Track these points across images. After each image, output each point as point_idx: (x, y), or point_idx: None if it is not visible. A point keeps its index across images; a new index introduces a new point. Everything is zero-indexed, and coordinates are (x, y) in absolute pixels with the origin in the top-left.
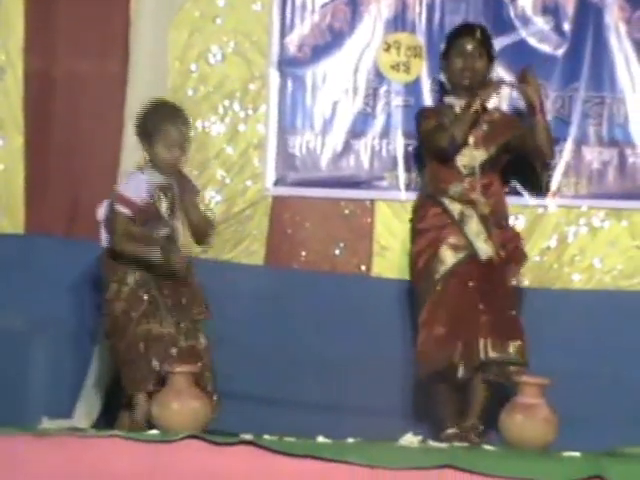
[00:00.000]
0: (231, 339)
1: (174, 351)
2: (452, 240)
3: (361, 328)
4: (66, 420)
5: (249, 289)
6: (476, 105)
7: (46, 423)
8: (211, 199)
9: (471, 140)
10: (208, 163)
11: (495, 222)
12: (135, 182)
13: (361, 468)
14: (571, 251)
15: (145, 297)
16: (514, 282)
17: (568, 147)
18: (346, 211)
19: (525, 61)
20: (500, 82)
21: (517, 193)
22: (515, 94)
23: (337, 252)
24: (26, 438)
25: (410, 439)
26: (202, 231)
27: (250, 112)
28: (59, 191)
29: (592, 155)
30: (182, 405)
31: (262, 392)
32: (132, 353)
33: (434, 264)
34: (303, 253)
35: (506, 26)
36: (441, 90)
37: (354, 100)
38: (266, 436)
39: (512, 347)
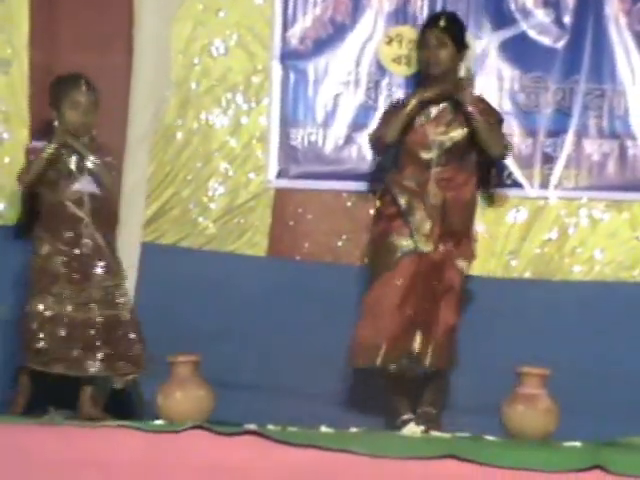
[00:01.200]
0: (234, 330)
1: (63, 332)
2: (400, 231)
3: None
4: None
5: (252, 280)
6: (411, 105)
7: (53, 413)
8: (214, 191)
9: (432, 128)
10: (211, 155)
11: (444, 216)
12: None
13: (364, 458)
14: (572, 243)
15: (49, 273)
16: (459, 276)
17: (569, 139)
18: (348, 203)
19: (526, 53)
20: (440, 90)
21: (518, 185)
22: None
23: (339, 244)
24: (33, 428)
25: (413, 429)
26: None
27: (253, 105)
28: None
29: (592, 147)
30: (186, 394)
31: (265, 382)
32: (26, 327)
33: (382, 254)
34: (306, 245)
35: (507, 19)
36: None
37: (356, 93)
38: (270, 426)
39: (417, 344)
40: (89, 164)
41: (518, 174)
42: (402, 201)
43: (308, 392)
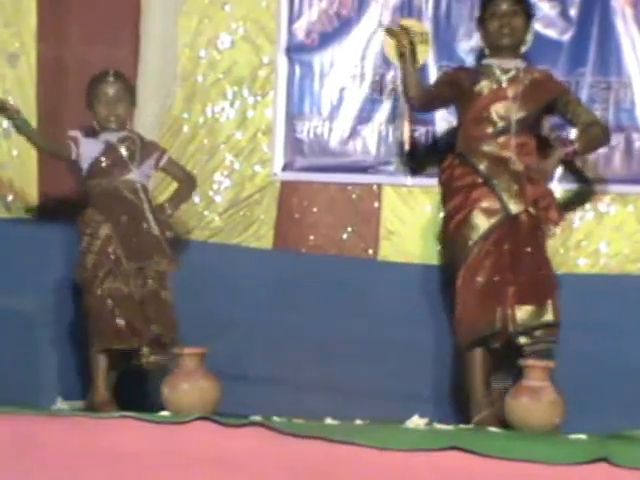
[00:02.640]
0: (240, 322)
1: (137, 312)
2: (484, 204)
3: (368, 311)
4: (80, 401)
5: (258, 273)
6: (403, 48)
7: (60, 404)
8: (220, 184)
9: (510, 94)
10: (217, 148)
11: (529, 179)
12: (91, 141)
13: (368, 449)
14: (577, 236)
15: (112, 256)
16: (548, 238)
17: (574, 132)
18: (353, 196)
19: (532, 46)
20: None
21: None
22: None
23: (344, 236)
24: (41, 418)
25: (416, 421)
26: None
27: (259, 98)
28: (72, 177)
29: None
30: (192, 386)
31: (271, 374)
32: (100, 309)
33: (466, 230)
34: (311, 237)
35: None
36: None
37: (361, 86)
38: (275, 418)
39: (540, 311)
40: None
41: None
42: (481, 166)
43: (313, 384)
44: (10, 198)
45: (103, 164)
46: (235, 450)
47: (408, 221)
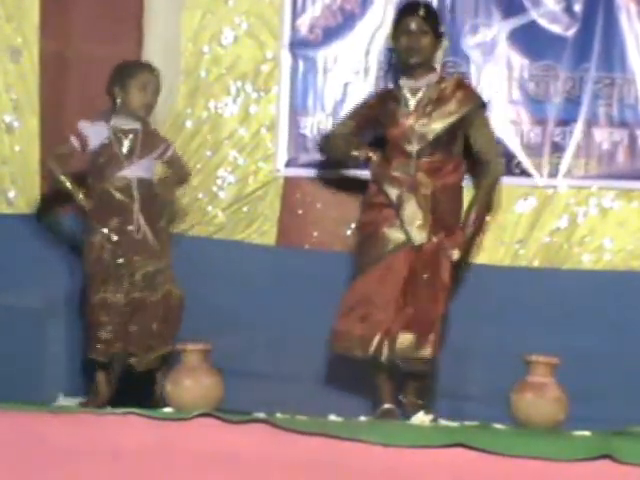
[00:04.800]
0: (243, 318)
1: (120, 319)
2: (392, 222)
3: None
4: (82, 398)
5: (261, 269)
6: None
7: (62, 400)
8: (224, 179)
9: (417, 117)
10: (221, 144)
11: (435, 206)
12: (98, 127)
13: (372, 446)
14: (581, 232)
15: (104, 262)
16: (450, 266)
17: (578, 128)
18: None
19: (536, 42)
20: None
21: (527, 174)
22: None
23: (348, 232)
24: (43, 415)
25: (421, 418)
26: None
27: (262, 93)
28: (73, 172)
29: (602, 136)
30: (195, 382)
31: (274, 371)
32: (90, 319)
33: (372, 245)
34: (315, 233)
35: (517, 7)
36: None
37: (365, 81)
38: (278, 414)
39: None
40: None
41: (527, 163)
42: (392, 194)
43: (317, 380)
44: (12, 194)
45: (101, 160)
46: (238, 446)
47: None
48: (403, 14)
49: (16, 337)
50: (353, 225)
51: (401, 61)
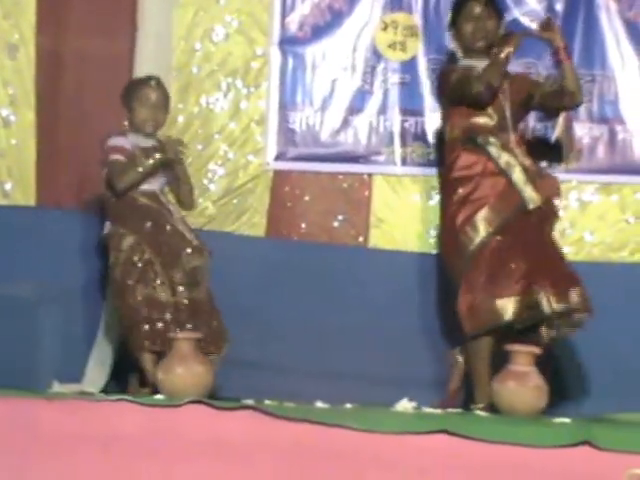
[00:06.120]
0: (233, 307)
1: (168, 316)
2: (495, 197)
3: (358, 297)
4: (76, 384)
5: (251, 260)
6: (506, 52)
7: (57, 387)
8: (214, 173)
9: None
10: (212, 138)
11: (535, 173)
12: (121, 139)
13: (358, 433)
14: (562, 224)
15: (139, 264)
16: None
17: (559, 123)
18: (344, 185)
19: None
20: (526, 33)
21: None
22: None
23: (336, 224)
24: (38, 402)
25: (405, 405)
26: (186, 202)
27: (252, 89)
28: (69, 165)
29: (583, 131)
30: (186, 370)
31: (263, 359)
32: (135, 317)
33: (473, 227)
34: (303, 225)
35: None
36: (449, 61)
37: (352, 78)
38: (267, 401)
39: (575, 295)
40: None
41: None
42: (502, 161)
43: (304, 369)
44: (9, 186)
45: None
46: (227, 433)
47: (398, 210)
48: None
49: (11, 326)
50: (340, 217)
51: (467, 46)
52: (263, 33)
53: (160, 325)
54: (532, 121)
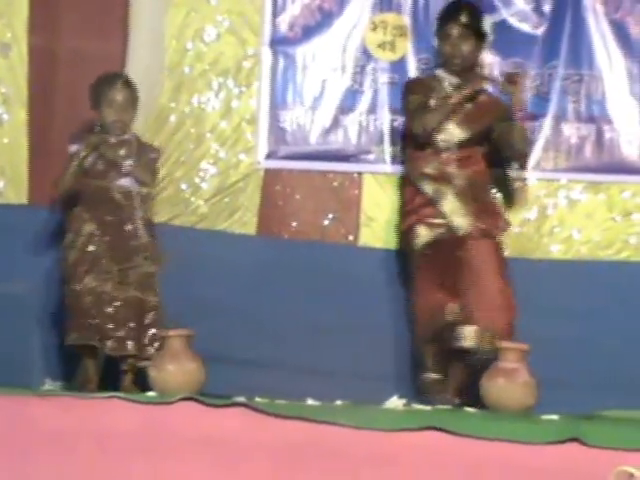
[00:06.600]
0: (225, 305)
1: (110, 310)
2: (430, 220)
3: (348, 295)
4: (67, 382)
5: (242, 258)
6: (457, 99)
7: (49, 386)
8: (206, 171)
9: (452, 120)
10: (203, 137)
11: (473, 195)
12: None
13: (348, 429)
14: (550, 222)
15: (93, 254)
16: (498, 248)
17: (547, 123)
18: (335, 183)
19: (506, 40)
20: (489, 79)
21: (498, 166)
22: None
23: (326, 223)
24: (29, 399)
25: (395, 402)
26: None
27: (243, 89)
28: (61, 164)
29: (571, 130)
30: (178, 367)
31: (254, 356)
32: (75, 305)
33: (414, 240)
34: (294, 223)
35: (488, 6)
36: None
37: (342, 77)
38: (258, 398)
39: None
40: (126, 167)
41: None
42: (429, 189)
43: (296, 366)
44: (1, 184)
45: (100, 166)
46: (219, 429)
47: (387, 208)
48: (445, 18)
49: (3, 324)
50: (330, 215)
51: (444, 62)
52: (254, 33)
53: (95, 320)
54: None
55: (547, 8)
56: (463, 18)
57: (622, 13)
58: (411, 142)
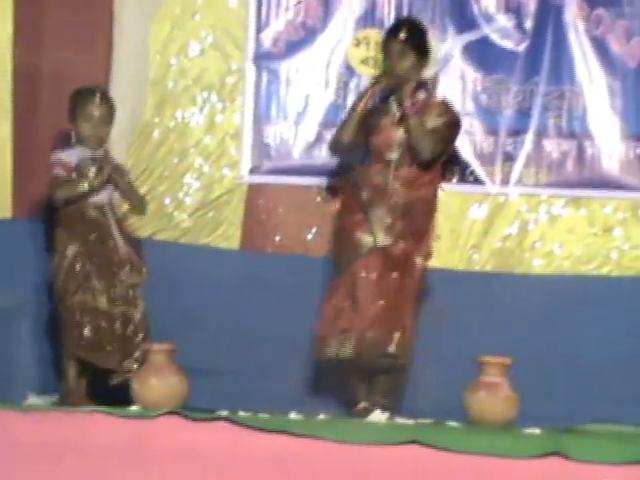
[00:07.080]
0: (208, 319)
1: (104, 324)
2: (364, 227)
3: None
4: (51, 396)
5: (225, 272)
6: (360, 106)
7: (32, 399)
8: (190, 186)
9: (395, 129)
10: (187, 152)
11: (407, 214)
12: (67, 152)
13: (331, 443)
14: (532, 237)
15: (81, 273)
16: (417, 273)
17: (529, 138)
18: (317, 198)
19: (488, 56)
20: (379, 82)
21: (479, 182)
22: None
23: (309, 237)
24: (13, 413)
25: (378, 416)
26: (139, 209)
27: (227, 104)
28: (45, 178)
29: (552, 146)
30: (160, 381)
31: (237, 370)
32: (69, 320)
33: (346, 249)
34: (277, 238)
35: (470, 23)
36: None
37: (326, 93)
38: (241, 412)
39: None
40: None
41: (480, 171)
42: (365, 194)
43: (278, 379)
44: None
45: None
46: (202, 444)
47: None
48: (387, 35)
49: None
50: (313, 230)
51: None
52: (238, 49)
53: (90, 333)
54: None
55: (529, 25)
56: (402, 35)
57: (603, 30)
58: (367, 153)
